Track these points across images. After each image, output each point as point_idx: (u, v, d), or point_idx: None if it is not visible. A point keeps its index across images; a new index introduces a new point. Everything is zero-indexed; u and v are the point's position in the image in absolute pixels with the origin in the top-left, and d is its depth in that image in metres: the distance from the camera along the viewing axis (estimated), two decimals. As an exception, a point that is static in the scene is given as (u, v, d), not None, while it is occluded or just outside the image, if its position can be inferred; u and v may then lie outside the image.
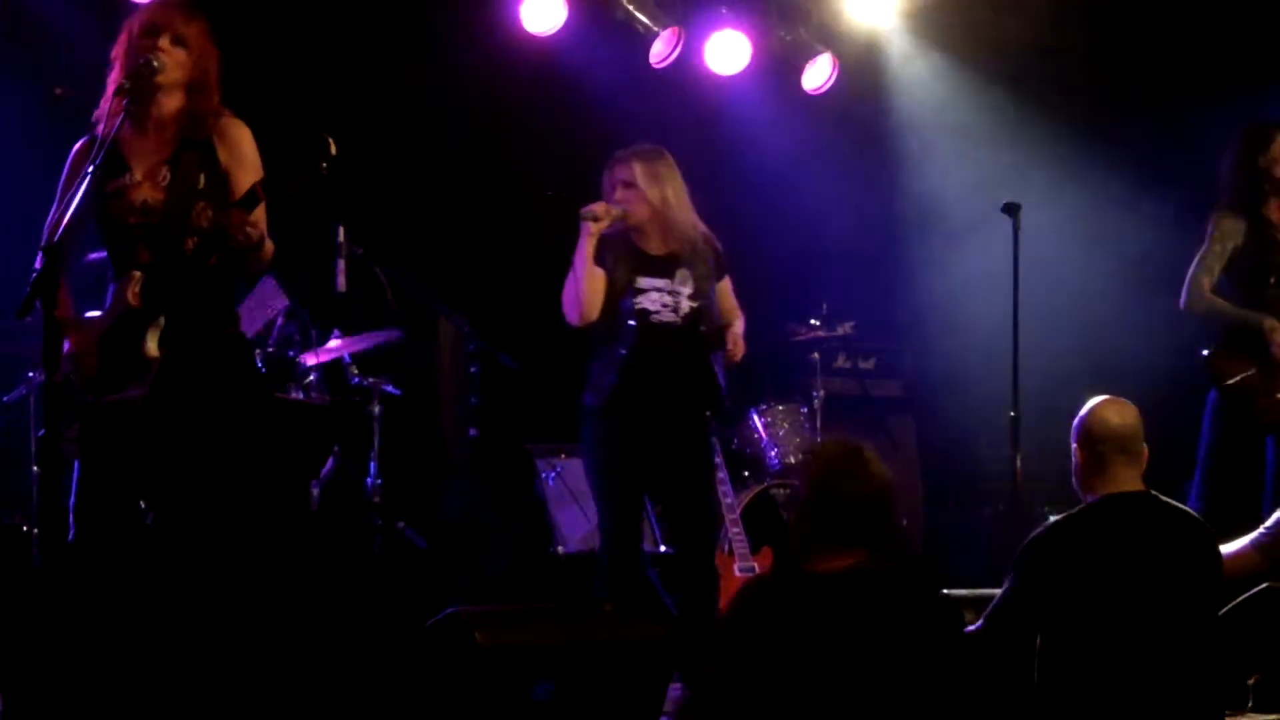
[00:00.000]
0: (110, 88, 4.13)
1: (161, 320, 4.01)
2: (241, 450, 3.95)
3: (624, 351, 5.22)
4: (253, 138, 4.20)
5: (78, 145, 4.22)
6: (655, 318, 5.27)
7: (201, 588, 2.51)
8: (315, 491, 6.51)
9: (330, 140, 3.80)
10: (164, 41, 4.11)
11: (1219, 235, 5.80)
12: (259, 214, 3.97)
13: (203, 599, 2.50)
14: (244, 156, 4.17)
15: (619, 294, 5.29)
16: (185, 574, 2.52)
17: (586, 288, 5.18)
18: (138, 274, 4.04)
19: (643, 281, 5.29)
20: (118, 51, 4.18)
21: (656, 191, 5.27)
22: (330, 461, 6.63)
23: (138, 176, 4.11)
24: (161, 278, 4.04)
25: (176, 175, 4.10)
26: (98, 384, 4.03)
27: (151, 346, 4.00)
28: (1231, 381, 5.70)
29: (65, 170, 4.21)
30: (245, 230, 3.87)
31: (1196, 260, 5.83)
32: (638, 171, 5.28)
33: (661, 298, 5.29)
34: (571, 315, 5.25)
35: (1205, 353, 5.76)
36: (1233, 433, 5.73)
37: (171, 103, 4.16)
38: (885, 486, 3.56)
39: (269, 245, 4.05)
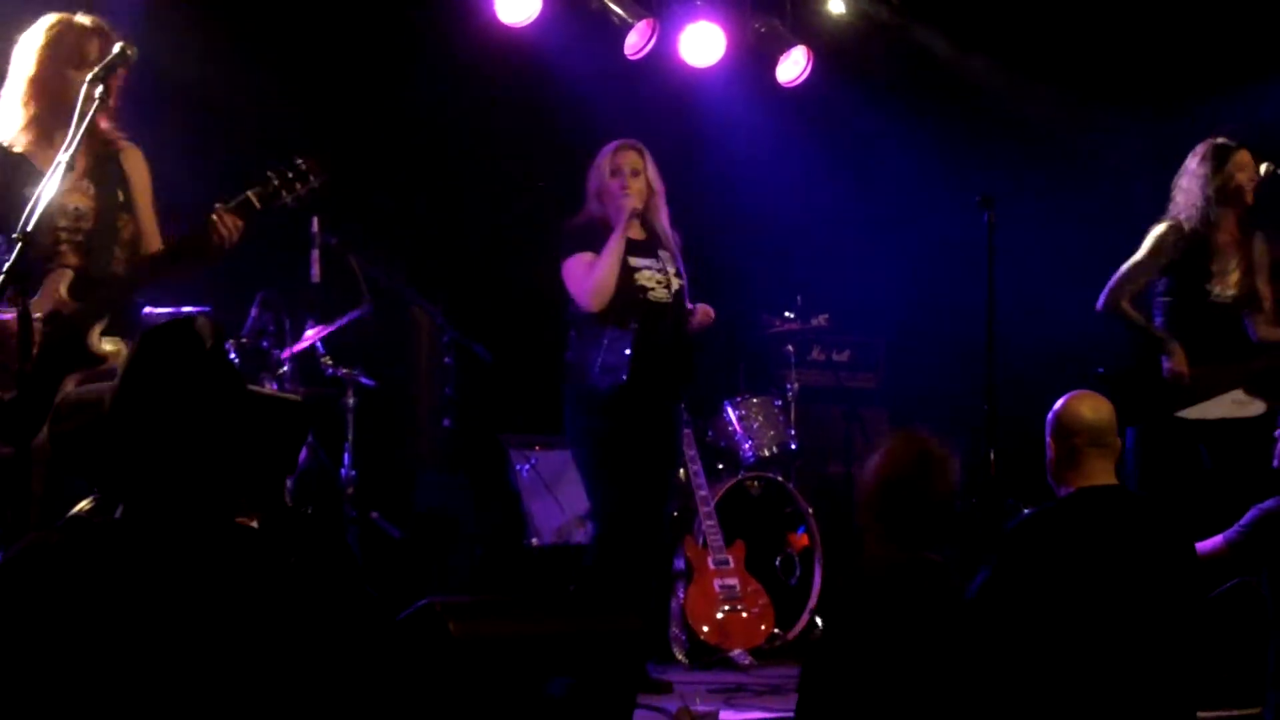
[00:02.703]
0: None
1: (106, 317, 4.14)
2: (213, 441, 3.92)
3: (635, 327, 5.37)
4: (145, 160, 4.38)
5: None
6: (652, 295, 5.47)
7: (172, 581, 2.50)
8: (289, 483, 6.48)
9: (329, 156, 3.92)
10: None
11: (1154, 249, 5.74)
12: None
13: (173, 592, 2.49)
14: (142, 178, 4.35)
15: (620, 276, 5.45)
16: (156, 567, 2.51)
17: (610, 274, 5.36)
18: (69, 272, 4.14)
19: (635, 261, 5.48)
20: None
21: (659, 182, 5.55)
22: (304, 453, 6.60)
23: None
24: (90, 281, 4.15)
25: (101, 188, 4.23)
26: (25, 376, 4.04)
27: (96, 340, 4.11)
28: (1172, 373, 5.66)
29: None
30: (232, 235, 4.07)
31: (1127, 266, 5.77)
32: (647, 161, 5.54)
33: (655, 276, 5.49)
34: (590, 301, 5.39)
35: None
36: (1165, 456, 5.64)
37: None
38: (948, 498, 3.66)
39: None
